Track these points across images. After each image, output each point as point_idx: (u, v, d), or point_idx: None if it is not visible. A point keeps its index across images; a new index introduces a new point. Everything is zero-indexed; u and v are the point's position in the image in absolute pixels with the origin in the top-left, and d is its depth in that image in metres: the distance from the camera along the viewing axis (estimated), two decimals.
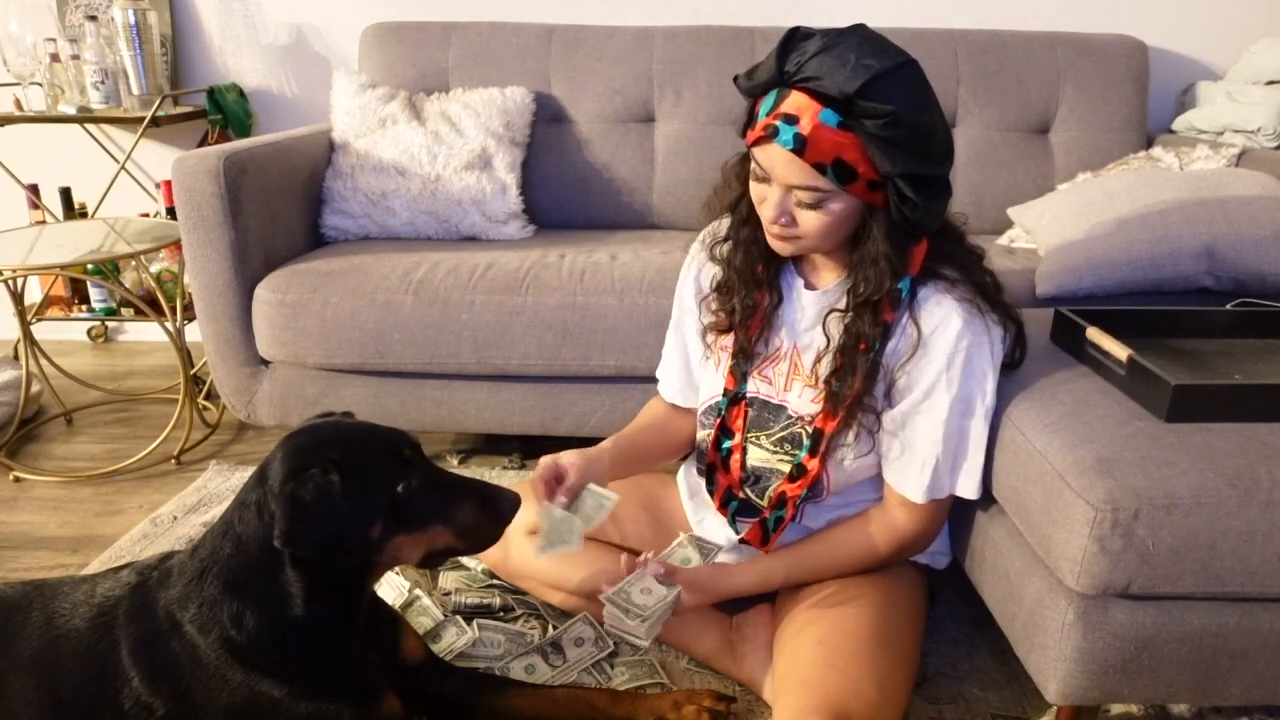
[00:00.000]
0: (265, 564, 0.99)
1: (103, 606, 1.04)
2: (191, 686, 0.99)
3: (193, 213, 1.74)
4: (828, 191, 1.02)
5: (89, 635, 1.02)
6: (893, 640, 1.15)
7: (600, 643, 1.37)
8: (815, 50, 0.98)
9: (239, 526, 1.01)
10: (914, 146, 0.97)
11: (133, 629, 1.02)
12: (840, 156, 0.98)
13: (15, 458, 2.08)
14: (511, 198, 2.08)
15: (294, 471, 0.97)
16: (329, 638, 1.04)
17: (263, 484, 1.00)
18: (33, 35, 2.37)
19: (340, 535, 0.97)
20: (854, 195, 1.02)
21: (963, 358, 1.08)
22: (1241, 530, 0.94)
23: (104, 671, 1.00)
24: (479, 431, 1.88)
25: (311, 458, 0.98)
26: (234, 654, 0.99)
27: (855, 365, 1.11)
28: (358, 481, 0.97)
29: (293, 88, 2.60)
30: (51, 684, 1.01)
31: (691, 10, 2.43)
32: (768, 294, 1.21)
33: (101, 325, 2.86)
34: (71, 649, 1.02)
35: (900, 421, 1.13)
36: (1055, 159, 2.20)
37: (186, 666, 0.99)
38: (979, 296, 1.09)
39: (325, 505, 0.95)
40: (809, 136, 0.98)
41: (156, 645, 1.00)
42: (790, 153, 0.99)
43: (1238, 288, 1.59)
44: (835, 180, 1.00)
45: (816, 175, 1.00)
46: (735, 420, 1.25)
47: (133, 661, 1.00)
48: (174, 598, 1.02)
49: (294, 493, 0.95)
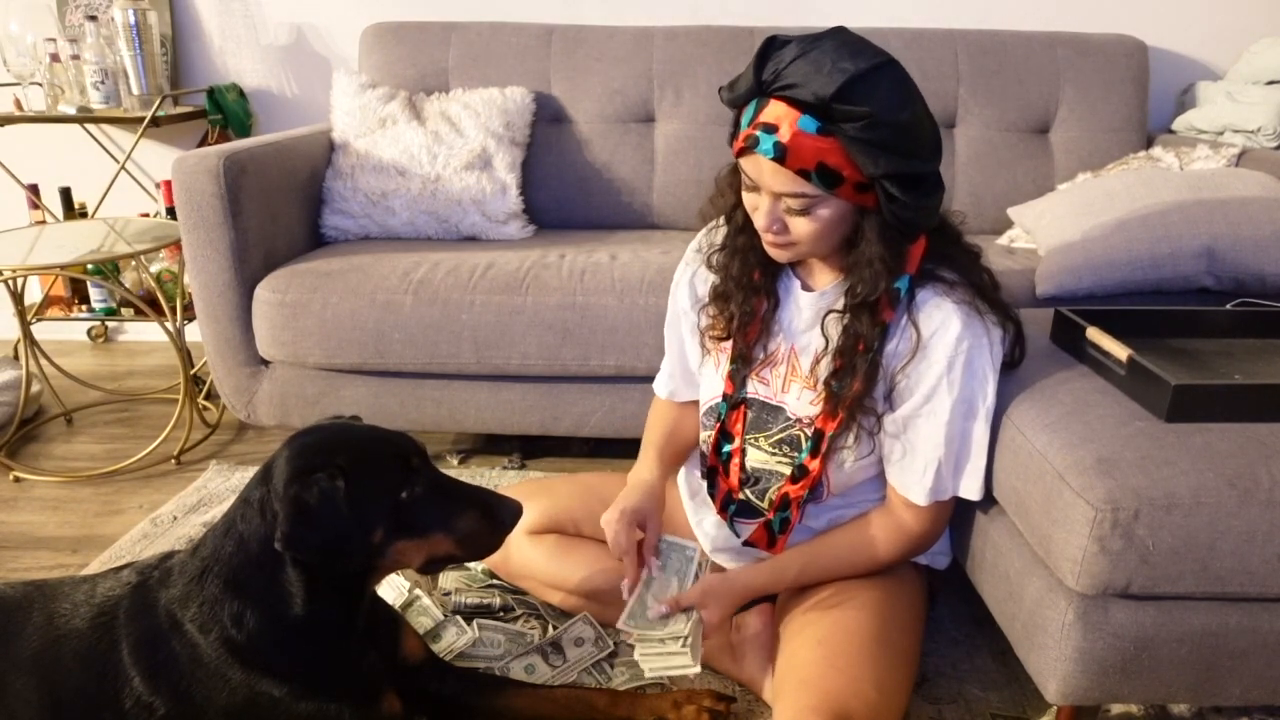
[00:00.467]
0: (266, 564, 0.99)
1: (103, 606, 1.04)
2: (192, 686, 0.99)
3: (193, 213, 1.74)
4: (815, 197, 1.02)
5: (90, 635, 1.02)
6: (893, 640, 1.15)
7: (600, 642, 1.37)
8: (791, 57, 0.97)
9: (241, 525, 1.01)
10: (896, 146, 0.96)
11: (133, 628, 1.02)
12: (823, 161, 0.98)
13: (15, 458, 2.08)
14: (511, 198, 2.08)
15: (299, 473, 0.97)
16: (329, 638, 1.04)
17: (266, 483, 1.00)
18: (33, 35, 2.37)
19: (342, 540, 0.97)
20: (843, 199, 1.02)
21: (963, 360, 1.08)
22: (1241, 530, 0.94)
23: (104, 671, 1.00)
24: (479, 431, 1.88)
25: (317, 460, 0.98)
26: (234, 653, 0.99)
27: (855, 366, 1.11)
28: (362, 487, 0.97)
29: (293, 88, 2.60)
30: (51, 684, 1.01)
31: (691, 10, 2.43)
32: (765, 299, 1.21)
33: (101, 325, 2.86)
34: (72, 649, 1.02)
35: (902, 425, 1.13)
36: (1055, 159, 2.20)
37: (187, 666, 0.99)
38: (978, 298, 1.09)
39: (329, 510, 0.95)
40: (789, 145, 0.97)
41: (157, 645, 1.01)
42: (772, 161, 0.99)
43: (1238, 288, 1.59)
44: (821, 185, 0.99)
45: (801, 181, 1.00)
46: (735, 424, 1.24)
47: (133, 661, 1.00)
48: (175, 597, 1.02)
49: (298, 496, 0.95)
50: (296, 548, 0.95)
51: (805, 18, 2.38)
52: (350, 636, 1.06)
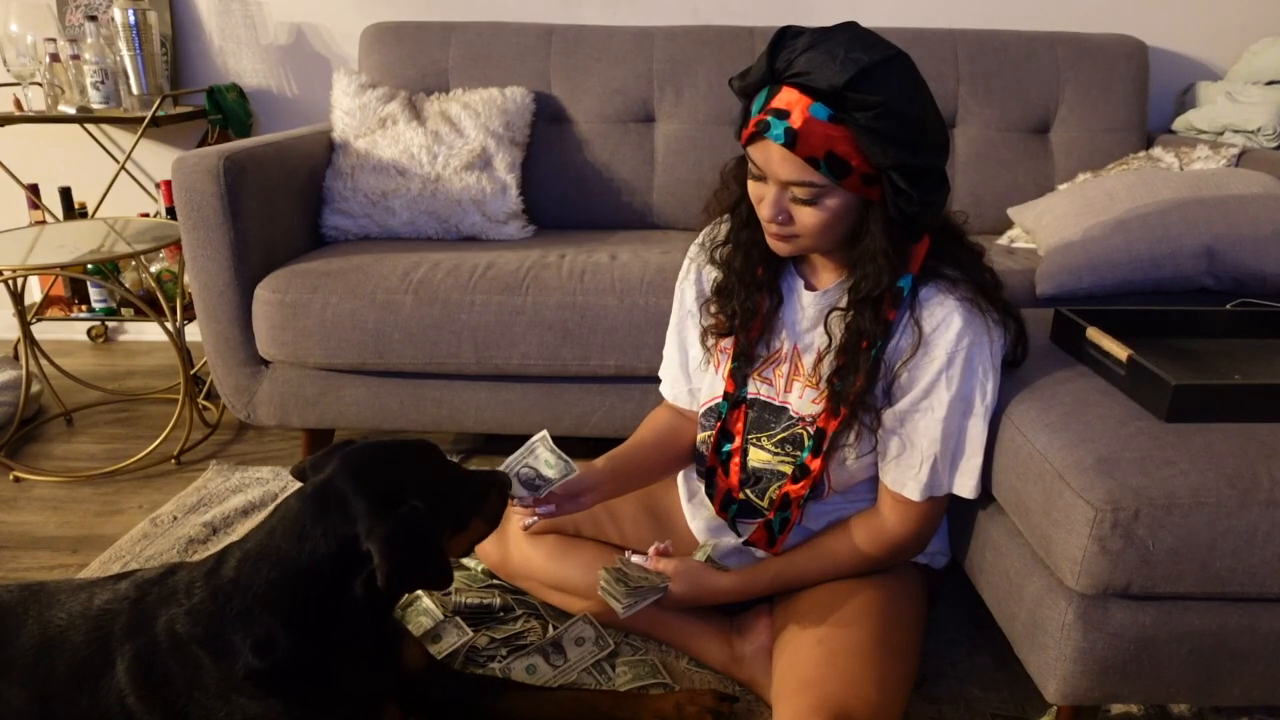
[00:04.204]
0: (321, 591, 0.98)
1: (100, 620, 1.03)
2: (189, 707, 0.97)
3: (193, 213, 1.74)
4: (822, 186, 1.02)
5: (84, 649, 1.01)
6: (892, 641, 1.15)
7: (600, 642, 1.37)
8: (804, 47, 0.98)
9: (288, 550, 0.98)
10: (906, 138, 0.97)
11: (129, 646, 1.00)
12: (832, 150, 0.98)
13: (15, 458, 2.08)
14: (511, 198, 2.08)
15: (379, 510, 0.97)
16: (349, 657, 1.03)
17: (326, 514, 0.98)
18: (33, 35, 2.37)
19: (432, 562, 1.01)
20: (849, 190, 1.02)
21: (963, 356, 1.08)
22: (1241, 530, 0.94)
23: (97, 688, 0.99)
24: (479, 431, 1.88)
25: (387, 490, 0.99)
26: (249, 676, 0.97)
27: (857, 363, 1.11)
28: (432, 506, 1.01)
29: (293, 88, 2.60)
30: (44, 696, 1.00)
31: (691, 10, 2.43)
32: (768, 297, 1.21)
33: (101, 325, 2.86)
34: (65, 662, 1.01)
35: (900, 419, 1.13)
36: (1055, 159, 2.20)
37: (184, 686, 0.97)
38: (980, 296, 1.09)
39: (419, 540, 0.99)
40: (800, 130, 0.98)
41: (154, 663, 0.99)
42: (782, 147, 1.00)
43: (1238, 288, 1.59)
44: (829, 174, 1.00)
45: (810, 170, 1.00)
46: (735, 424, 1.25)
47: (128, 679, 0.98)
48: (178, 616, 1.00)
49: (391, 536, 0.96)
50: (400, 585, 0.97)
51: (805, 18, 2.38)
52: (365, 653, 1.06)
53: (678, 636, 1.37)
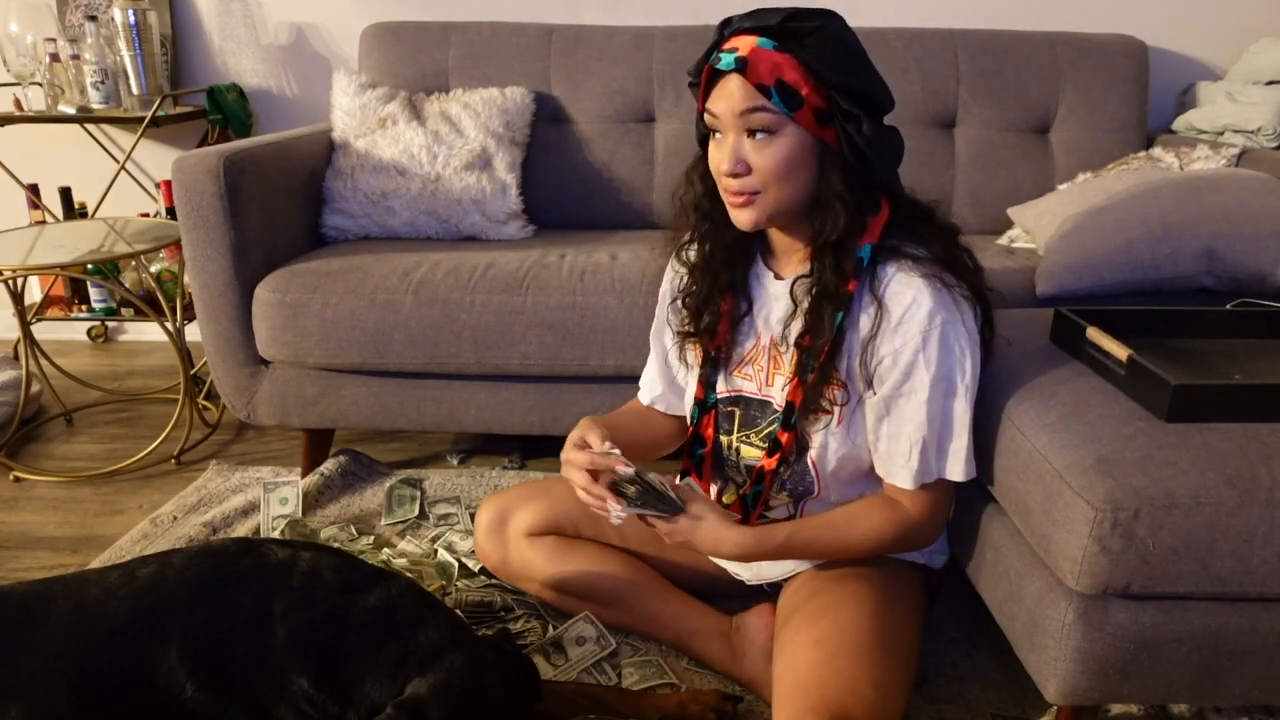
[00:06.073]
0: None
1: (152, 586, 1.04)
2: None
3: (193, 213, 1.74)
4: (776, 116, 1.04)
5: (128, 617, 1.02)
6: (891, 640, 1.15)
7: (602, 641, 1.37)
8: (746, 14, 1.07)
9: None
10: (847, 61, 1.04)
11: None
12: (781, 77, 1.03)
13: (15, 458, 2.08)
14: (511, 198, 2.08)
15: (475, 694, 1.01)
16: None
17: None
18: (33, 35, 2.37)
19: None
20: (803, 127, 1.05)
21: (938, 334, 1.08)
22: (1241, 530, 0.94)
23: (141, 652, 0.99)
24: (479, 431, 1.88)
25: (470, 663, 1.02)
26: None
27: (822, 324, 1.12)
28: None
29: (293, 88, 2.60)
30: (79, 661, 1.00)
31: (691, 10, 2.43)
32: (733, 300, 1.22)
33: (101, 325, 2.86)
34: (105, 627, 1.01)
35: (884, 408, 1.13)
36: (1055, 159, 2.20)
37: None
38: (945, 272, 1.10)
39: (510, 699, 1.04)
40: (749, 57, 1.03)
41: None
42: (734, 74, 1.04)
43: (1238, 288, 1.59)
44: (781, 104, 1.03)
45: (762, 97, 1.04)
46: (706, 428, 1.26)
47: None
48: None
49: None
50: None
51: None
52: None
53: (678, 636, 1.37)
